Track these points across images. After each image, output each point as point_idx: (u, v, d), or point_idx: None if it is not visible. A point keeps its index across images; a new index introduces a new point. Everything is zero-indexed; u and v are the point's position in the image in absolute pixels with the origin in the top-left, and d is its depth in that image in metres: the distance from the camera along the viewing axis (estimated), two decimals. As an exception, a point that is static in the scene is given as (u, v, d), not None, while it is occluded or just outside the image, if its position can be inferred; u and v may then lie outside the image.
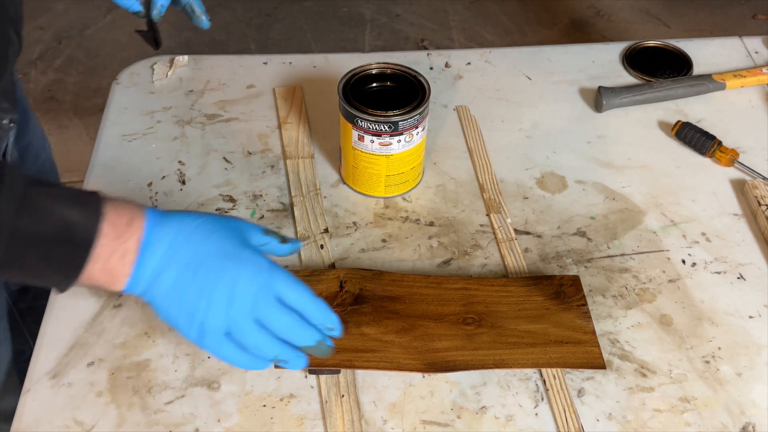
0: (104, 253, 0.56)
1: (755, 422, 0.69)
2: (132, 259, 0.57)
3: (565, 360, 0.71)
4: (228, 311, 0.58)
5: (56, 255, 0.55)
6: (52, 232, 0.54)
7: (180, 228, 0.59)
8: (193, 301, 0.58)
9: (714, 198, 0.89)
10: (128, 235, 0.57)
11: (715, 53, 1.08)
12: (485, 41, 2.39)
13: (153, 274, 0.58)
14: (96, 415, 0.69)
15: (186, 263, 0.58)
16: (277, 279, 0.59)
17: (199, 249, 0.58)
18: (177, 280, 0.57)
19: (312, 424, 0.69)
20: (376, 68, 0.85)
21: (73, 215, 0.55)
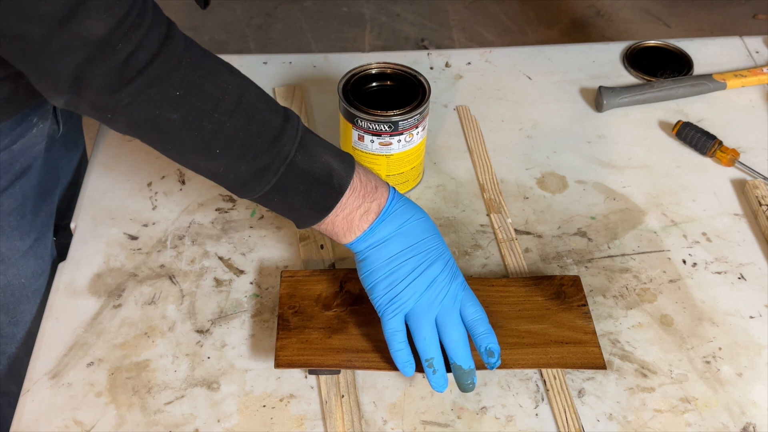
0: (351, 204, 0.66)
1: (756, 422, 0.69)
2: (372, 218, 0.66)
3: (565, 360, 0.70)
4: (420, 298, 0.66)
5: (315, 192, 0.65)
6: (317, 172, 0.64)
7: (413, 213, 0.68)
8: (399, 276, 0.66)
9: (714, 198, 0.89)
10: (373, 198, 0.66)
11: (715, 53, 1.08)
12: (485, 41, 2.39)
13: (381, 239, 0.66)
14: (95, 415, 0.69)
15: (410, 244, 0.66)
16: (467, 294, 0.68)
17: (424, 237, 0.67)
18: (396, 255, 0.66)
19: (312, 424, 0.69)
20: (376, 68, 0.85)
21: (334, 163, 0.65)
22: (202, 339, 0.75)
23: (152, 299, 0.78)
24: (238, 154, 0.62)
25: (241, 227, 0.85)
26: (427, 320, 0.66)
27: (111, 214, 0.86)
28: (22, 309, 0.86)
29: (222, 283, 0.80)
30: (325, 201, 0.65)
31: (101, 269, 0.81)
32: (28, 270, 0.85)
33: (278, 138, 0.62)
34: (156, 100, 0.58)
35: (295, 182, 0.64)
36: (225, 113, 0.60)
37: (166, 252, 0.82)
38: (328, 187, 0.65)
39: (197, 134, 0.60)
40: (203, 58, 0.61)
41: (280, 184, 0.63)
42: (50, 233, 0.89)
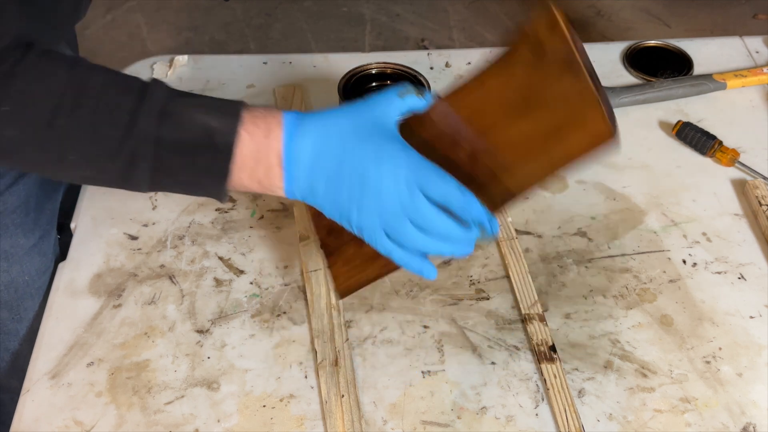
0: (248, 164, 0.58)
1: (756, 422, 0.69)
2: (278, 173, 0.58)
3: (571, 152, 0.59)
4: (381, 214, 0.58)
5: (201, 161, 0.57)
6: (193, 139, 0.56)
7: (318, 133, 0.59)
8: (345, 208, 0.59)
9: (714, 198, 0.89)
10: (267, 149, 0.58)
11: (715, 53, 1.08)
12: (486, 41, 2.39)
13: (304, 187, 0.59)
14: (95, 415, 0.69)
15: (332, 173, 0.58)
16: (419, 174, 0.58)
17: (340, 155, 0.58)
18: (326, 191, 0.59)
19: (312, 424, 0.69)
20: (376, 68, 0.85)
21: (212, 121, 0.57)
22: (202, 339, 0.75)
23: (152, 299, 0.78)
24: (96, 154, 0.56)
25: (241, 227, 0.85)
26: (403, 229, 0.59)
27: (111, 214, 0.86)
28: (25, 306, 0.86)
29: (222, 283, 0.80)
30: (216, 165, 0.58)
31: (101, 269, 0.81)
32: (32, 267, 0.85)
33: (134, 120, 0.55)
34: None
35: (174, 158, 0.57)
36: (65, 115, 0.55)
37: (166, 252, 0.82)
38: (213, 150, 0.57)
39: (43, 146, 0.56)
40: (35, 63, 0.55)
41: (159, 167, 0.57)
42: (54, 231, 0.89)
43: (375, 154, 0.58)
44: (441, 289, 0.79)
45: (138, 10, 2.43)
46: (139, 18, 2.39)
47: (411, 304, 0.78)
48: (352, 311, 0.77)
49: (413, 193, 0.58)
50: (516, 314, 0.77)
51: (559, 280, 0.80)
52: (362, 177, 0.58)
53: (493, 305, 0.78)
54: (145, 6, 2.44)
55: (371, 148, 0.58)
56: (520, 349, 0.74)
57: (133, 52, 2.25)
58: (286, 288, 0.79)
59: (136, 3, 2.45)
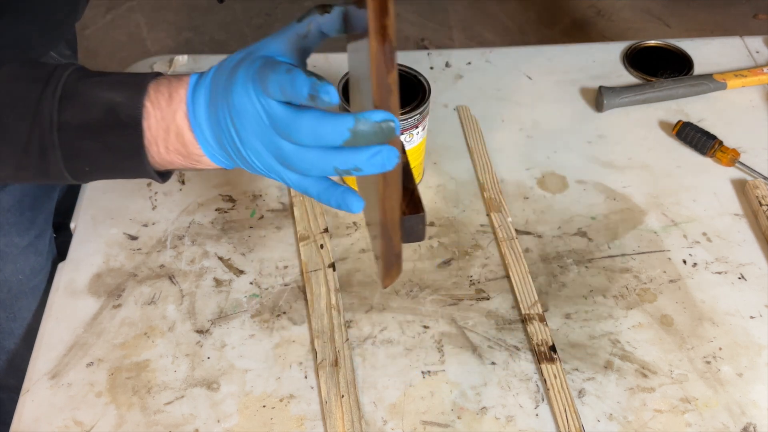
0: (159, 135, 0.53)
1: (756, 423, 0.69)
2: (191, 139, 0.54)
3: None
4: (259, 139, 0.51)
5: (111, 140, 0.53)
6: (98, 118, 0.53)
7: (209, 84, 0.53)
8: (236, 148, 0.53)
9: (715, 198, 0.89)
10: (171, 112, 0.53)
11: (715, 53, 1.08)
12: (486, 41, 2.39)
13: (216, 145, 0.54)
14: (95, 415, 0.69)
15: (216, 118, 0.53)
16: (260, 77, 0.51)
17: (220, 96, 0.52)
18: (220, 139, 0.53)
19: (312, 424, 0.69)
20: (376, 68, 0.85)
21: (117, 96, 0.53)
22: (201, 339, 0.75)
23: (152, 299, 0.78)
24: (9, 150, 0.54)
25: (240, 227, 0.85)
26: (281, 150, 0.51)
27: (111, 214, 0.86)
28: (20, 305, 0.86)
29: (222, 283, 0.80)
30: (127, 143, 0.53)
31: (101, 269, 0.81)
32: (27, 266, 0.85)
33: (37, 109, 0.52)
34: None
35: (82, 142, 0.53)
36: None
37: (165, 252, 0.82)
38: (120, 127, 0.53)
39: None
40: None
41: (70, 154, 0.53)
42: (50, 230, 0.89)
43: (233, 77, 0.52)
44: (441, 289, 0.79)
45: (138, 10, 2.43)
46: (139, 18, 2.39)
47: (411, 304, 0.78)
48: (352, 311, 0.77)
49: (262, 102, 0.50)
50: (516, 314, 0.77)
51: (559, 280, 0.80)
52: (229, 107, 0.51)
53: (493, 305, 0.78)
54: (145, 6, 2.44)
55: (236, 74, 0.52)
56: (520, 350, 0.74)
57: (133, 52, 2.25)
58: (286, 288, 0.79)
59: (136, 3, 2.45)
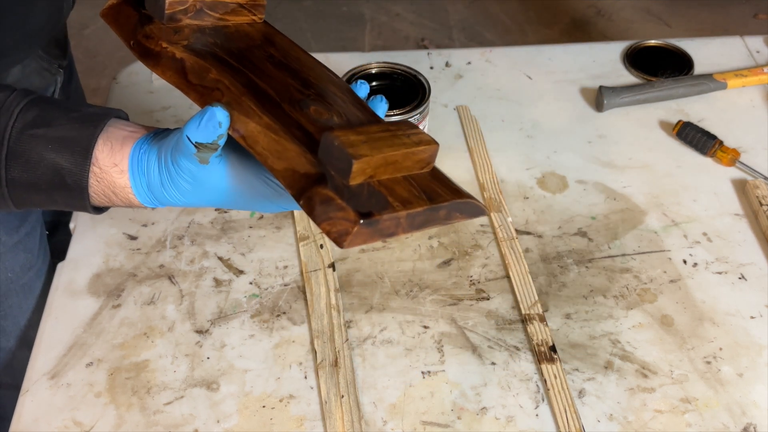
0: (105, 199, 0.56)
1: (756, 423, 0.69)
2: (132, 196, 0.56)
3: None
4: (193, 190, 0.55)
5: (59, 198, 0.56)
6: (45, 181, 0.55)
7: (145, 151, 0.56)
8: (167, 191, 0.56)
9: (715, 198, 0.89)
10: (119, 188, 0.56)
11: (716, 53, 1.08)
12: (486, 40, 2.39)
13: (151, 195, 0.57)
14: (95, 415, 0.69)
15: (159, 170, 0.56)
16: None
17: (163, 148, 0.55)
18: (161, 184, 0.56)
19: (312, 425, 0.69)
20: (376, 68, 0.85)
21: (63, 161, 0.54)
22: (201, 339, 0.75)
23: (151, 299, 0.78)
24: None
25: (240, 227, 0.85)
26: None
27: (110, 214, 0.86)
28: (10, 303, 0.86)
29: (221, 283, 0.80)
30: (74, 202, 0.56)
31: (100, 269, 0.81)
32: (16, 264, 0.85)
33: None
34: None
35: (31, 196, 0.56)
36: None
37: (165, 252, 0.82)
38: (67, 190, 0.55)
39: None
40: None
41: (21, 203, 0.56)
42: (40, 227, 0.89)
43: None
44: (441, 289, 0.79)
45: (138, 10, 2.42)
46: None
47: (411, 304, 0.78)
48: (351, 311, 0.77)
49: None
50: (516, 314, 0.77)
51: (559, 280, 0.80)
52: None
53: (493, 305, 0.78)
54: (144, 6, 2.44)
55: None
56: (521, 350, 0.74)
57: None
58: (286, 288, 0.79)
59: (136, 3, 2.44)
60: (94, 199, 0.57)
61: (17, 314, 0.88)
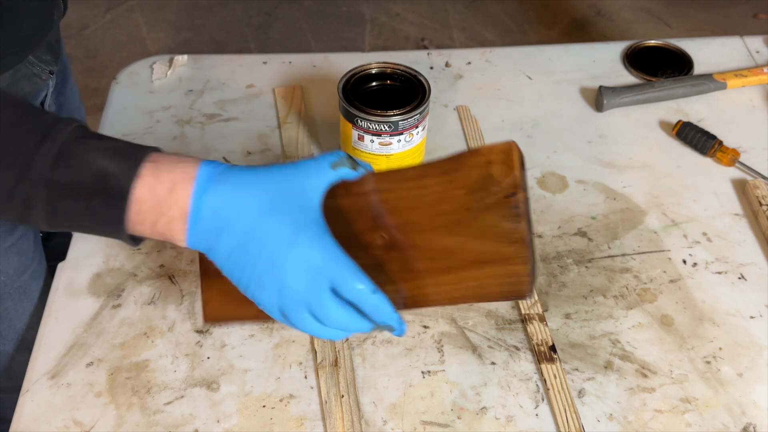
0: (147, 218, 0.54)
1: (756, 423, 0.69)
2: (181, 227, 0.54)
3: (483, 289, 0.56)
4: (280, 298, 0.55)
5: (95, 206, 0.54)
6: (87, 182, 0.53)
7: (232, 197, 0.55)
8: (245, 281, 0.55)
9: (715, 198, 0.89)
10: (170, 203, 0.54)
11: (716, 53, 1.08)
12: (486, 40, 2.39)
13: (208, 245, 0.55)
14: (95, 415, 0.69)
15: (237, 243, 0.54)
16: (333, 270, 0.54)
17: (250, 228, 0.54)
18: (229, 257, 0.55)
19: (312, 424, 0.69)
20: (376, 68, 0.85)
21: (110, 166, 0.54)
22: (201, 339, 0.75)
23: (152, 299, 0.78)
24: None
25: (240, 227, 0.85)
26: (302, 317, 0.55)
27: (110, 214, 0.86)
28: (5, 306, 0.86)
29: (222, 283, 0.80)
30: (110, 213, 0.54)
31: (101, 269, 0.81)
32: (10, 267, 0.84)
33: (29, 162, 0.53)
34: None
35: (67, 202, 0.54)
36: None
37: (165, 252, 0.82)
38: (107, 196, 0.54)
39: None
40: None
41: (53, 210, 0.54)
42: (34, 230, 0.89)
43: (290, 236, 0.54)
44: (441, 289, 0.79)
45: (137, 10, 2.43)
46: (138, 18, 2.39)
47: (411, 304, 0.78)
48: (351, 311, 0.77)
49: (319, 288, 0.54)
50: (516, 314, 0.77)
51: (559, 280, 0.80)
52: (271, 256, 0.54)
53: (493, 305, 0.78)
54: (144, 6, 2.44)
55: (287, 229, 0.54)
56: (520, 350, 0.74)
57: (133, 52, 2.25)
58: (286, 288, 0.79)
59: (136, 2, 2.45)
60: (136, 227, 0.55)
61: (13, 317, 0.87)
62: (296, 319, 0.56)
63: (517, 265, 0.54)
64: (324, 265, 0.54)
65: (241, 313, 0.60)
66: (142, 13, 2.44)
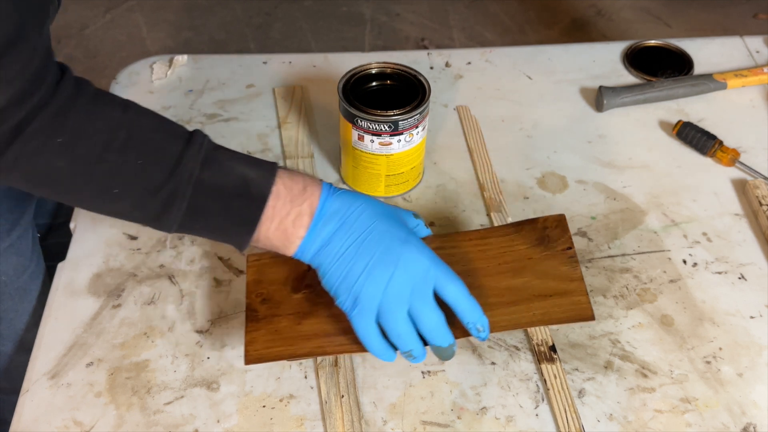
0: (280, 212, 0.62)
1: (756, 423, 0.69)
2: (306, 222, 0.62)
3: (550, 315, 0.66)
4: (385, 291, 0.61)
5: (235, 207, 0.61)
6: (231, 186, 0.61)
7: (352, 202, 0.63)
8: (355, 273, 0.61)
9: (715, 198, 0.89)
10: (302, 199, 0.62)
11: (716, 53, 1.08)
12: (486, 40, 2.39)
13: (324, 241, 0.62)
14: (95, 415, 0.69)
15: (357, 236, 0.62)
16: (438, 269, 0.62)
17: (370, 225, 0.62)
18: (345, 251, 0.62)
19: (312, 424, 0.69)
20: (376, 68, 0.85)
21: (250, 173, 0.62)
22: (201, 339, 0.75)
23: (152, 299, 0.78)
24: (139, 189, 0.60)
25: (240, 227, 0.85)
26: (399, 315, 0.62)
27: (110, 214, 0.86)
28: (5, 306, 0.86)
29: (221, 283, 0.80)
30: (247, 213, 0.62)
31: (100, 269, 0.81)
32: (9, 267, 0.85)
33: (179, 162, 0.60)
34: (39, 152, 0.57)
35: (209, 201, 0.61)
36: (115, 151, 0.58)
37: (165, 252, 0.82)
38: (247, 198, 0.61)
39: (91, 178, 0.59)
40: (91, 101, 0.59)
41: (193, 207, 0.60)
42: (32, 230, 0.89)
43: (405, 236, 0.63)
44: (441, 289, 0.79)
45: (137, 10, 2.43)
46: (138, 18, 2.39)
47: (411, 304, 0.78)
48: (351, 311, 0.77)
49: (427, 283, 0.62)
50: (516, 314, 0.77)
51: (559, 280, 0.80)
52: (387, 250, 0.62)
53: (493, 305, 0.77)
54: (144, 6, 2.44)
55: (401, 231, 0.63)
56: (520, 350, 0.74)
57: (133, 52, 2.24)
58: (286, 288, 0.79)
59: (136, 2, 2.45)
60: (263, 225, 0.62)
61: (13, 318, 0.87)
62: (393, 318, 0.61)
63: (579, 296, 0.67)
64: (432, 264, 0.62)
65: (291, 350, 0.67)
66: (142, 13, 2.44)
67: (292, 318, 0.69)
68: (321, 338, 0.67)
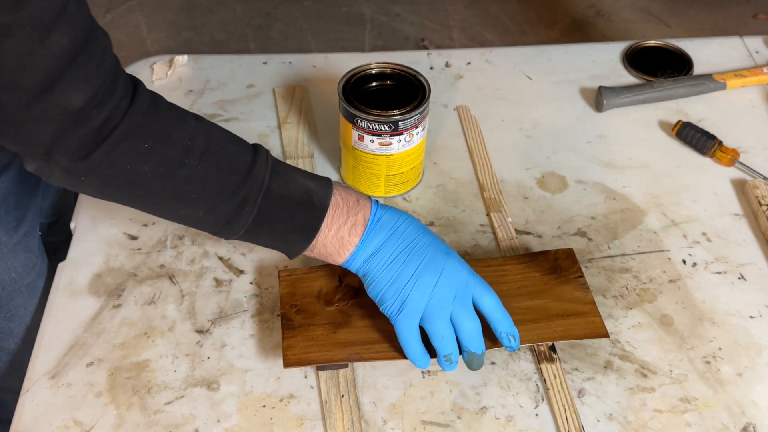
0: (338, 221, 0.66)
1: (756, 423, 0.69)
2: (360, 231, 0.66)
3: (569, 332, 0.71)
4: (432, 295, 0.65)
5: (298, 215, 0.65)
6: (295, 195, 0.65)
7: (400, 215, 0.68)
8: (403, 279, 0.65)
9: (715, 198, 0.89)
10: (357, 210, 0.67)
11: (715, 53, 1.08)
12: (486, 41, 2.39)
13: (374, 248, 0.66)
14: (95, 415, 0.69)
15: (405, 246, 0.66)
16: (476, 281, 0.67)
17: (416, 236, 0.67)
18: (395, 259, 0.66)
19: (312, 424, 0.69)
20: (376, 68, 0.85)
21: (311, 184, 0.66)
22: (201, 339, 0.75)
23: (152, 299, 0.78)
24: (215, 194, 0.62)
25: (240, 227, 0.85)
26: (442, 319, 0.66)
27: (110, 214, 0.86)
28: (15, 303, 0.86)
29: (222, 283, 0.80)
30: (310, 221, 0.66)
31: (101, 269, 0.81)
32: (18, 264, 0.85)
33: (250, 170, 0.63)
34: (126, 155, 0.58)
35: (275, 209, 0.64)
36: (195, 157, 0.61)
37: (165, 252, 0.82)
38: (310, 207, 0.65)
39: (171, 182, 0.61)
40: (169, 109, 0.62)
41: (261, 214, 0.64)
42: (38, 227, 0.89)
43: (446, 249, 0.68)
44: (441, 289, 0.79)
45: (138, 10, 2.43)
46: (138, 18, 2.39)
47: (411, 304, 0.78)
48: (351, 311, 0.77)
49: (467, 291, 0.66)
50: (516, 314, 0.77)
51: (559, 280, 0.80)
52: (432, 260, 0.66)
53: (493, 305, 0.78)
54: (144, 6, 2.44)
55: (443, 245, 0.68)
56: (520, 349, 0.74)
57: (133, 52, 2.25)
58: (286, 288, 0.79)
59: (136, 3, 2.45)
60: (321, 233, 0.66)
61: (23, 315, 0.88)
62: (436, 320, 0.65)
63: (593, 317, 0.72)
64: (471, 276, 0.67)
65: (328, 356, 0.69)
66: (142, 13, 2.44)
67: (327, 327, 0.72)
68: (357, 346, 0.70)
